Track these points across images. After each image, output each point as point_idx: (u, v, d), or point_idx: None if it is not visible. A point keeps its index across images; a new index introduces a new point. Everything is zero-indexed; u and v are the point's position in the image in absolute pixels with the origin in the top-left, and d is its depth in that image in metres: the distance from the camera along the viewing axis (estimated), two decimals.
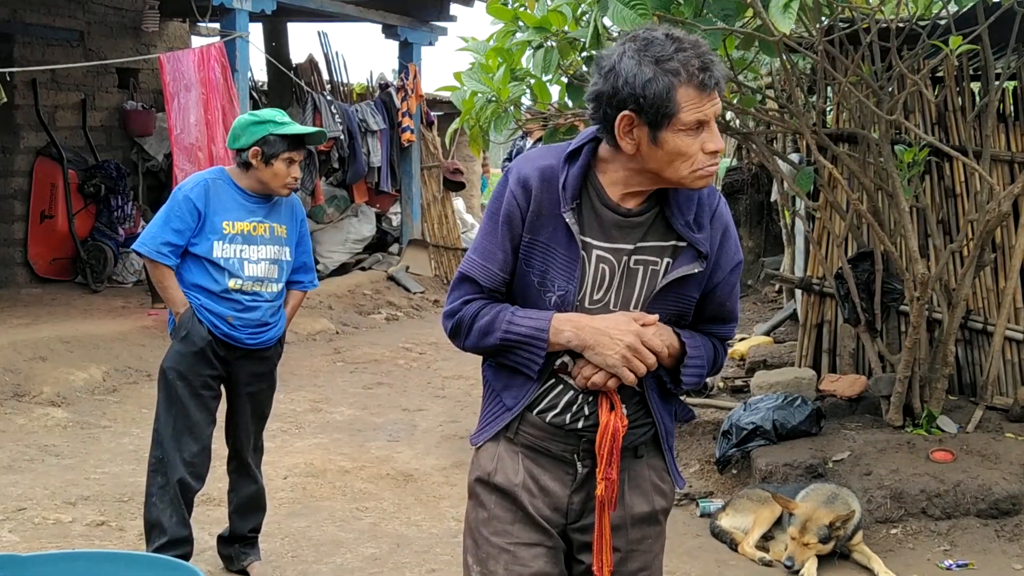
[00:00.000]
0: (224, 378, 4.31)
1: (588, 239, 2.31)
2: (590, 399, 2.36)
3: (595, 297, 2.33)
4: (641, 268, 2.33)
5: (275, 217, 4.28)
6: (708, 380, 6.80)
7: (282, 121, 4.18)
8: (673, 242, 2.33)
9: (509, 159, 10.52)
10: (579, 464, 2.39)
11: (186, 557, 4.19)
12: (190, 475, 4.21)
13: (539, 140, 8.29)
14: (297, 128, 4.19)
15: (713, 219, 2.35)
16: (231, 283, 4.15)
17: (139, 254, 4.18)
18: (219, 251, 4.14)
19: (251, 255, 4.20)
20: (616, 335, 2.26)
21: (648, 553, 2.48)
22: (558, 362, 2.34)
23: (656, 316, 2.32)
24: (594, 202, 2.32)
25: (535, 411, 2.39)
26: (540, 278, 2.33)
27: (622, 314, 2.31)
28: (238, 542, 4.48)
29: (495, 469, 2.43)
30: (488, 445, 2.46)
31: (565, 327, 2.29)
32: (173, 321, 4.24)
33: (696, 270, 2.31)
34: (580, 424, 2.37)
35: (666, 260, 2.33)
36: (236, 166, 4.23)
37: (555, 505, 2.41)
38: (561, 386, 2.37)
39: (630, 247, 2.32)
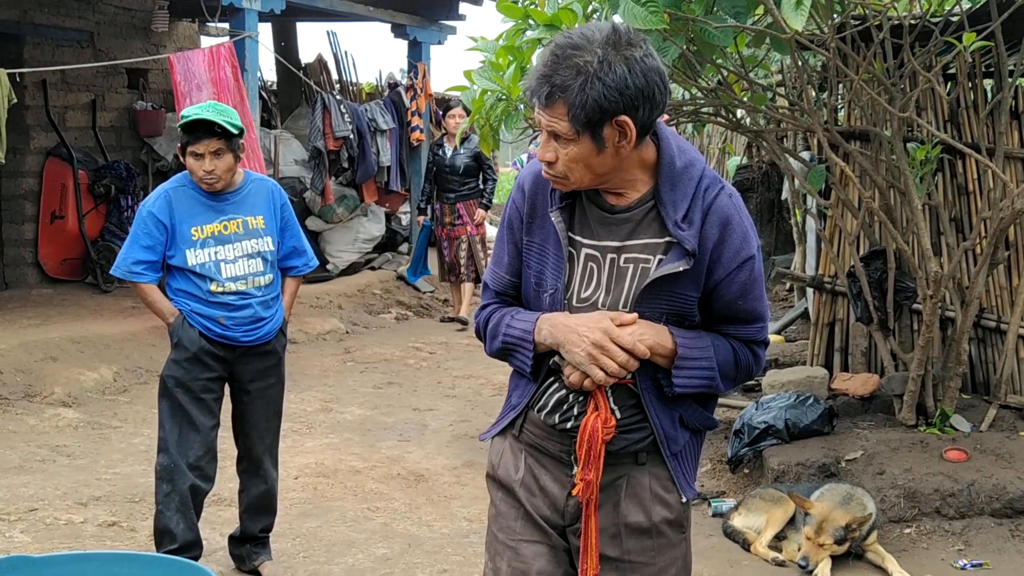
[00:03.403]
0: (225, 379, 4.28)
1: (577, 237, 2.32)
2: (580, 399, 2.33)
3: (583, 295, 2.32)
4: (631, 266, 2.28)
5: (247, 210, 4.22)
6: None
7: (186, 114, 4.08)
8: (667, 239, 2.26)
9: None
10: (575, 465, 2.36)
11: (197, 559, 4.18)
12: (198, 478, 4.20)
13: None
14: (186, 113, 4.06)
15: (709, 213, 2.24)
16: (212, 287, 4.13)
17: (116, 276, 4.19)
18: (193, 259, 4.11)
19: (227, 255, 4.15)
20: (583, 332, 2.23)
21: (650, 566, 2.39)
22: (551, 361, 2.34)
23: (635, 315, 2.25)
24: (585, 201, 2.32)
25: (535, 409, 2.40)
26: (537, 278, 2.36)
27: (597, 312, 2.27)
28: (249, 542, 4.47)
29: (499, 463, 2.48)
30: (496, 440, 2.51)
31: (544, 326, 2.31)
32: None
33: (681, 268, 2.22)
34: (569, 424, 2.35)
35: (658, 257, 2.26)
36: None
37: (554, 506, 2.40)
38: (556, 384, 2.37)
39: (616, 244, 2.28)
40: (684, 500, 2.41)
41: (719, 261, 2.25)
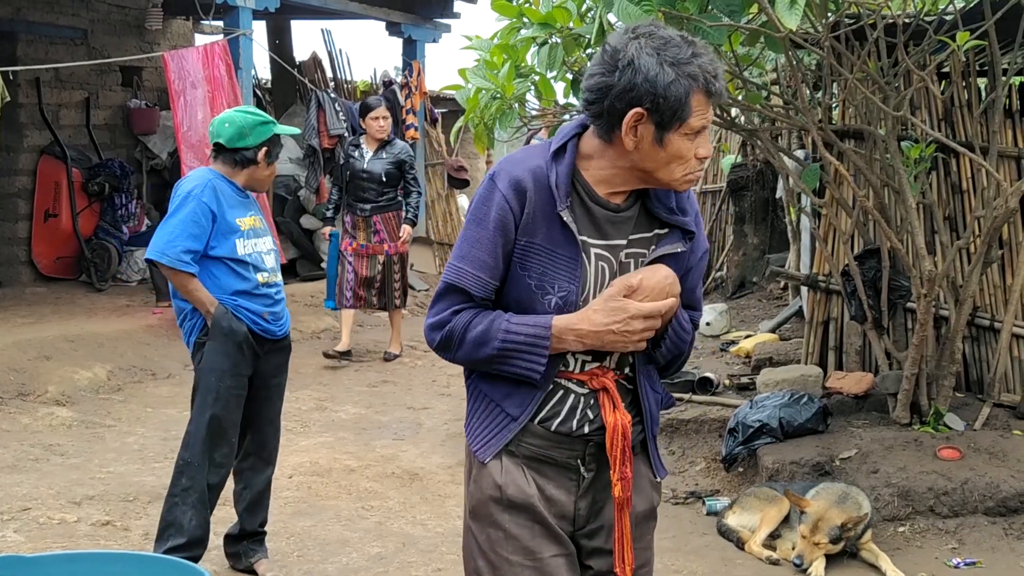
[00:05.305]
0: (250, 378, 4.29)
1: (585, 238, 2.30)
2: (591, 402, 2.34)
3: (595, 297, 2.31)
4: (632, 261, 2.35)
5: (255, 210, 4.33)
6: (714, 377, 6.78)
7: (277, 122, 4.31)
8: (655, 231, 2.37)
9: None
10: (583, 469, 2.37)
11: (198, 559, 4.17)
12: (220, 475, 4.23)
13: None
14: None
15: (688, 204, 2.40)
16: (260, 277, 4.18)
17: (158, 264, 4.07)
18: (242, 248, 4.14)
19: (262, 247, 4.24)
20: (618, 328, 2.25)
21: (648, 550, 2.52)
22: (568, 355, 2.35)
23: (641, 276, 2.27)
24: (584, 199, 2.30)
25: (536, 420, 2.34)
26: (538, 281, 2.28)
27: (602, 304, 2.27)
28: (247, 539, 4.47)
29: (507, 483, 2.35)
30: (491, 462, 2.37)
31: (568, 336, 2.27)
32: (197, 325, 4.16)
33: (679, 248, 2.35)
34: (586, 429, 2.35)
35: (652, 248, 2.37)
36: (227, 164, 4.19)
37: (562, 513, 2.38)
38: (561, 392, 2.34)
39: (623, 242, 2.33)
40: (660, 480, 2.55)
41: (691, 250, 2.41)
